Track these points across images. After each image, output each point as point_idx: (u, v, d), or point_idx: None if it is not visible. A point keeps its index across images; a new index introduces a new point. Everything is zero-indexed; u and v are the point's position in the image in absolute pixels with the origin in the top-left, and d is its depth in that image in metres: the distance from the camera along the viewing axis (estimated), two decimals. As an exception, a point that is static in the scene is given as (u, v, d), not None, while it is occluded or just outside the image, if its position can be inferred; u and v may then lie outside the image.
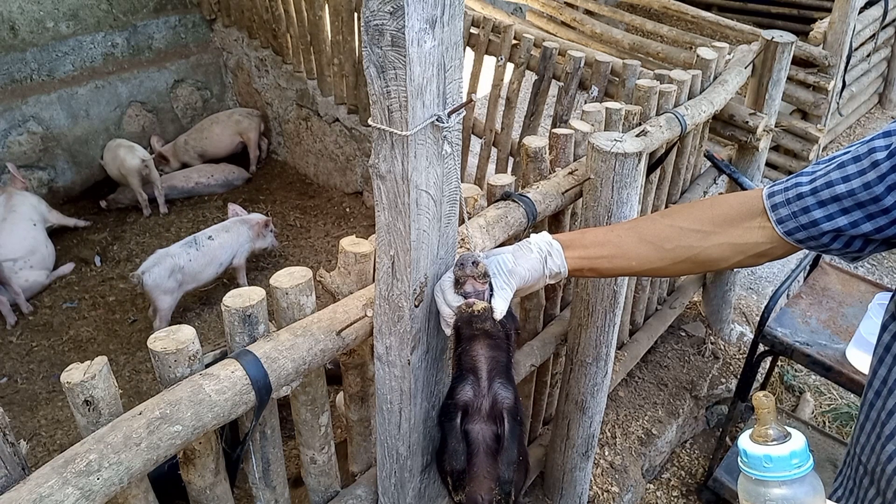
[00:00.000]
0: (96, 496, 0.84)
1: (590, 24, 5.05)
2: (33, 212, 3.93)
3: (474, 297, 0.97)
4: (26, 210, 3.89)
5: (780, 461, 0.61)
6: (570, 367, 1.80)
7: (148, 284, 3.26)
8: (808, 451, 0.62)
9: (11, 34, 4.19)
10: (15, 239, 3.72)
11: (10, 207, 3.85)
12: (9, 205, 3.86)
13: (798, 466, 0.61)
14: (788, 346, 2.09)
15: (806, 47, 4.07)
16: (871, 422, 0.92)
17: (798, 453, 0.61)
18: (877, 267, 3.92)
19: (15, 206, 3.87)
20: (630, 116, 1.83)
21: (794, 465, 0.61)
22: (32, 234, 3.82)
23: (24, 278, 3.68)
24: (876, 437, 0.90)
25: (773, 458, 0.61)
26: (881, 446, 0.89)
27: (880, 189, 0.84)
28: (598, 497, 2.24)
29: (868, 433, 0.93)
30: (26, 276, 3.69)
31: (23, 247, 3.72)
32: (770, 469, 0.61)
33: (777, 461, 0.61)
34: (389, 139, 0.86)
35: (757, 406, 0.64)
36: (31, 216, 3.90)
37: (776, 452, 0.61)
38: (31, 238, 3.80)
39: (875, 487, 0.92)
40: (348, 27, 3.84)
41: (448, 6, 0.82)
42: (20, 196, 3.96)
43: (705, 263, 1.06)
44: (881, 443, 0.89)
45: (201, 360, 1.01)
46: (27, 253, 3.73)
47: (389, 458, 1.22)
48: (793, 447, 0.61)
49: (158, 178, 4.47)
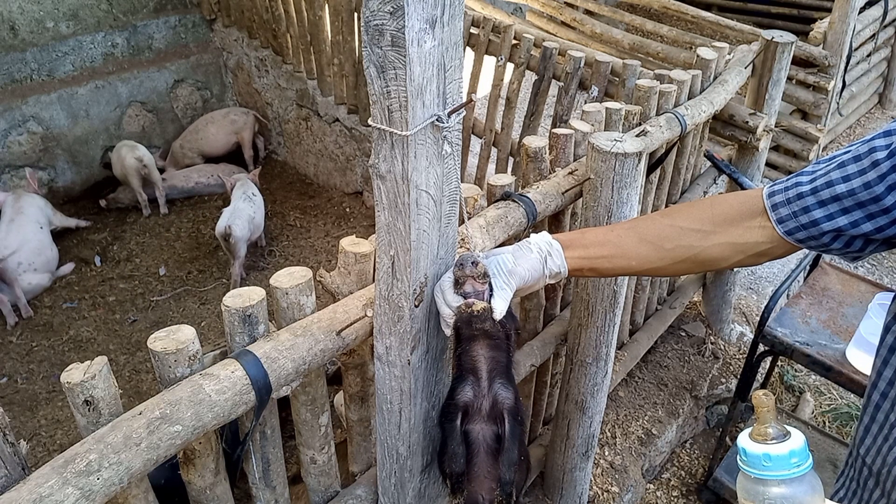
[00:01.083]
0: (96, 496, 0.84)
1: (590, 24, 5.05)
2: (40, 214, 3.93)
3: (474, 298, 0.97)
4: (33, 212, 3.88)
5: (779, 460, 0.61)
6: (570, 367, 1.80)
7: (236, 236, 3.70)
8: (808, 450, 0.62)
9: (11, 34, 4.19)
10: (21, 241, 3.71)
11: (17, 209, 3.84)
12: (16, 206, 3.86)
13: (797, 466, 0.61)
14: (788, 346, 2.09)
15: (806, 47, 4.07)
16: (878, 423, 0.91)
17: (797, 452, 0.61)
18: (877, 267, 3.92)
19: (23, 208, 3.85)
20: (630, 116, 1.83)
21: (794, 464, 0.61)
22: (38, 236, 3.81)
23: (28, 281, 3.68)
24: (883, 439, 0.90)
25: (772, 456, 0.61)
26: (888, 448, 0.88)
27: (881, 188, 0.83)
28: (598, 497, 2.24)
29: (874, 435, 0.92)
30: (29, 280, 3.69)
31: (29, 249, 3.72)
32: (769, 468, 0.61)
33: (776, 460, 0.61)
34: (389, 139, 0.86)
35: (756, 405, 0.64)
36: (38, 218, 3.89)
37: (775, 451, 0.61)
38: (37, 241, 3.79)
39: (880, 489, 0.92)
40: (348, 27, 3.84)
41: (448, 6, 0.82)
42: (28, 198, 3.95)
43: (705, 263, 1.06)
44: (888, 445, 0.88)
45: (201, 359, 1.01)
46: (32, 255, 3.72)
47: (389, 458, 1.22)
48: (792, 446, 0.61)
49: (159, 178, 4.47)
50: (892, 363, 0.89)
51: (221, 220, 3.78)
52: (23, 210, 3.84)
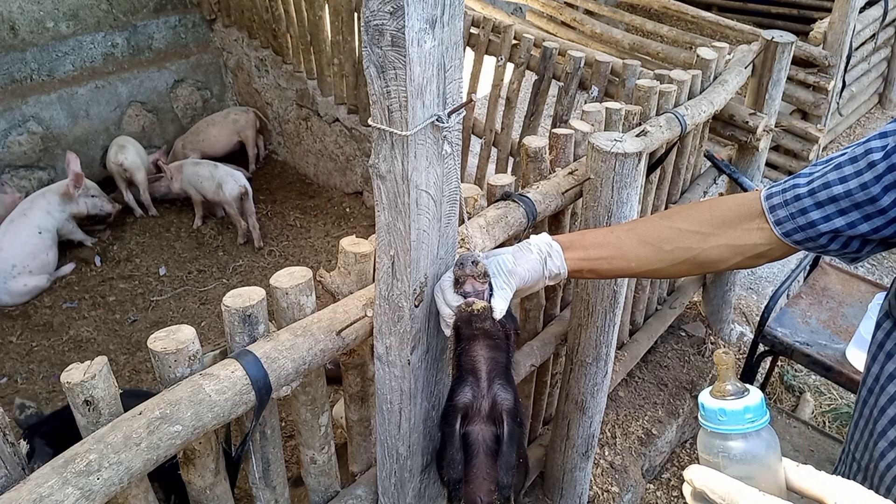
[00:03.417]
0: (96, 496, 0.84)
1: (590, 24, 5.05)
2: (46, 219, 3.83)
3: (474, 297, 0.97)
4: (38, 216, 3.81)
5: (735, 415, 0.63)
6: (570, 367, 1.80)
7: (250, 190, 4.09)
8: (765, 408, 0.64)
9: (11, 34, 4.19)
10: (16, 244, 3.68)
11: (22, 211, 3.81)
12: (24, 208, 3.82)
13: (752, 421, 0.63)
14: (788, 346, 2.09)
15: (806, 47, 4.07)
16: (865, 419, 0.92)
17: (752, 408, 0.63)
18: (877, 267, 3.92)
19: (28, 211, 3.81)
20: (630, 116, 1.83)
21: (748, 419, 0.63)
22: (34, 240, 3.75)
23: (23, 283, 3.66)
24: (869, 434, 0.91)
25: (728, 411, 0.63)
26: (874, 443, 0.89)
27: (877, 190, 0.84)
28: (598, 497, 2.24)
29: (861, 430, 0.93)
30: (24, 282, 3.67)
31: (23, 252, 3.68)
32: (724, 422, 0.63)
33: (731, 415, 0.63)
34: (389, 139, 0.86)
35: (717, 363, 0.67)
36: (42, 223, 3.81)
37: (731, 406, 0.63)
38: (33, 245, 3.73)
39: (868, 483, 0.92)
40: (348, 27, 3.84)
41: (448, 6, 0.82)
42: (42, 201, 3.88)
43: (704, 265, 1.07)
44: (874, 440, 0.89)
45: (201, 359, 1.01)
46: (27, 258, 3.68)
47: (389, 458, 1.22)
48: (748, 402, 0.63)
49: (144, 181, 4.41)
50: (879, 359, 0.90)
51: (226, 185, 3.98)
52: (27, 213, 3.80)
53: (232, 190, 4.01)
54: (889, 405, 0.87)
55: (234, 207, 4.07)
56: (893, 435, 0.86)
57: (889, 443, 0.87)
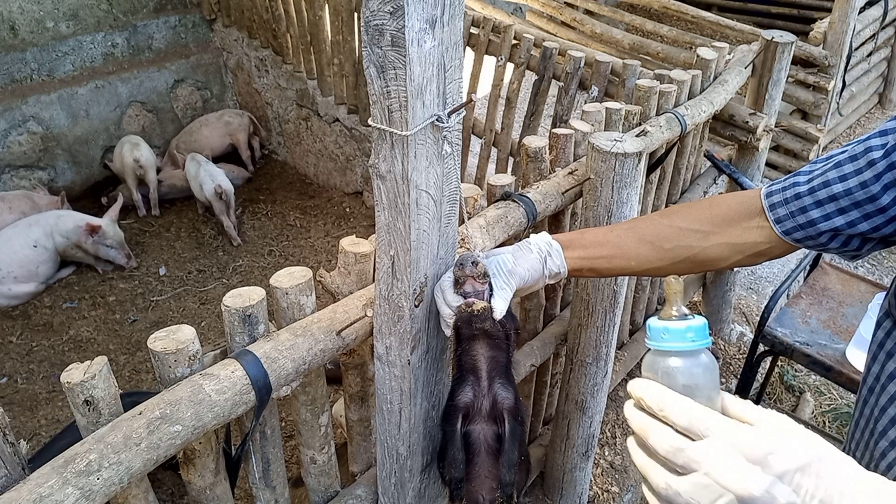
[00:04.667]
0: (96, 496, 0.84)
1: (590, 24, 5.05)
2: (43, 236, 3.76)
3: (474, 297, 0.97)
4: (35, 231, 3.74)
5: (676, 333, 0.65)
6: (570, 367, 1.80)
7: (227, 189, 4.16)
8: (707, 332, 0.66)
9: (11, 34, 4.19)
10: (6, 249, 3.65)
11: (29, 221, 3.77)
12: (28, 219, 3.80)
13: (692, 340, 0.65)
14: (788, 346, 2.09)
15: (806, 47, 4.07)
16: (865, 418, 0.92)
17: (694, 328, 0.65)
18: (877, 267, 3.91)
19: (33, 223, 3.76)
20: (630, 116, 1.83)
21: (689, 338, 0.65)
22: (26, 252, 3.70)
23: (8, 288, 3.65)
24: (869, 433, 0.91)
25: (671, 330, 0.65)
26: (874, 443, 0.89)
27: (876, 188, 0.84)
28: (598, 497, 2.24)
29: (862, 430, 0.93)
30: (9, 287, 3.66)
31: (12, 260, 3.64)
32: (666, 339, 0.66)
33: (673, 333, 0.65)
34: (389, 139, 0.86)
35: (666, 289, 0.69)
36: (39, 238, 3.74)
37: (674, 326, 0.66)
38: (23, 255, 3.69)
39: None
40: (348, 27, 3.84)
41: (448, 6, 0.82)
42: (47, 218, 3.82)
43: (704, 263, 1.07)
44: (874, 439, 0.89)
45: (201, 359, 1.01)
46: (15, 266, 3.65)
47: (389, 458, 1.22)
48: (690, 323, 0.66)
49: (155, 180, 4.43)
50: (880, 358, 0.90)
51: (204, 184, 4.14)
52: (32, 225, 3.76)
53: (209, 189, 4.12)
54: (890, 404, 0.87)
55: (214, 205, 4.18)
56: (894, 434, 0.86)
57: (890, 442, 0.87)
